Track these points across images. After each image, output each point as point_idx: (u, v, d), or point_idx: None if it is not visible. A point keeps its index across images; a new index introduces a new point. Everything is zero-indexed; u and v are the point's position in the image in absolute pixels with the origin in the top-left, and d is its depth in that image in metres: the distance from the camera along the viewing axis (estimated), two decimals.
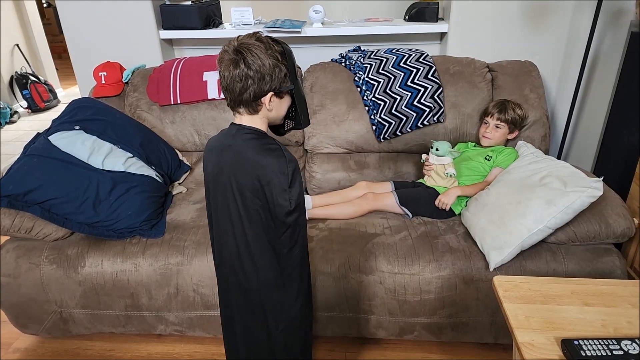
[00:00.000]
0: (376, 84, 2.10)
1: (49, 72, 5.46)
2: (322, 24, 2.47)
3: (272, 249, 1.15)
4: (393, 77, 2.09)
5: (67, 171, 1.72)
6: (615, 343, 0.96)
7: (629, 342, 0.96)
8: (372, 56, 2.20)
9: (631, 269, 1.94)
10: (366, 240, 1.70)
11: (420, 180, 2.03)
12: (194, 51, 2.62)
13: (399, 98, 2.06)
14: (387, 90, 2.08)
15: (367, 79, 2.13)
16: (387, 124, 2.07)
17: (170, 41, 2.60)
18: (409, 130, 2.10)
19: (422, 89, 2.04)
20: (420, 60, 2.11)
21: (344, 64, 2.24)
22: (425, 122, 2.07)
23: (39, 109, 4.95)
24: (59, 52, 6.81)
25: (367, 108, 2.11)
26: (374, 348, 1.81)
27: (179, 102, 2.17)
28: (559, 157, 2.31)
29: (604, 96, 2.34)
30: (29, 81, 4.88)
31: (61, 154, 1.76)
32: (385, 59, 2.14)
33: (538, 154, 1.82)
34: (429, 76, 2.06)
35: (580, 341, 0.96)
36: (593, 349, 0.94)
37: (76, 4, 2.41)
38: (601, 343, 0.96)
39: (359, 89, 2.13)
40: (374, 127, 2.09)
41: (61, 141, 1.80)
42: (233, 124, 1.16)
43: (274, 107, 1.12)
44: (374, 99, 2.09)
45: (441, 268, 1.60)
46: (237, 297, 1.24)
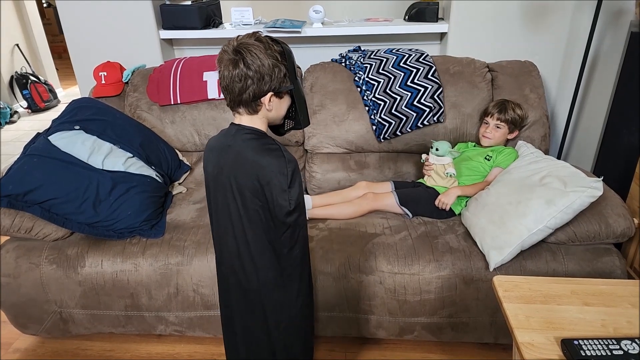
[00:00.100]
0: (376, 84, 2.10)
1: (49, 72, 5.46)
2: (322, 24, 2.47)
3: (272, 249, 1.15)
4: (393, 77, 2.09)
5: (67, 171, 1.72)
6: (615, 343, 0.96)
7: (629, 342, 0.96)
8: (372, 56, 2.20)
9: (631, 269, 1.94)
10: (366, 240, 1.70)
11: (420, 180, 2.03)
12: (194, 51, 2.62)
13: (399, 98, 2.06)
14: (387, 90, 2.08)
15: (367, 79, 2.13)
16: (387, 124, 2.07)
17: (170, 41, 2.60)
18: (409, 130, 2.10)
19: (422, 89, 2.04)
20: (420, 60, 2.11)
21: (344, 64, 2.24)
22: (425, 122, 2.07)
23: (39, 109, 4.95)
24: (59, 52, 6.81)
25: (367, 108, 2.11)
26: (374, 348, 1.81)
27: (179, 102, 2.17)
28: (559, 157, 2.31)
29: (603, 96, 2.34)
30: (29, 81, 4.88)
31: (61, 154, 1.76)
32: (385, 59, 2.14)
33: (538, 153, 1.82)
34: (429, 76, 2.06)
35: (580, 341, 0.96)
36: (593, 349, 0.94)
37: (76, 4, 2.41)
38: (601, 343, 0.96)
39: (359, 89, 2.13)
40: (374, 127, 2.09)
41: (61, 141, 1.80)
42: (233, 124, 1.16)
43: (273, 107, 1.12)
44: (374, 99, 2.09)
45: (441, 268, 1.60)
46: (237, 297, 1.24)
